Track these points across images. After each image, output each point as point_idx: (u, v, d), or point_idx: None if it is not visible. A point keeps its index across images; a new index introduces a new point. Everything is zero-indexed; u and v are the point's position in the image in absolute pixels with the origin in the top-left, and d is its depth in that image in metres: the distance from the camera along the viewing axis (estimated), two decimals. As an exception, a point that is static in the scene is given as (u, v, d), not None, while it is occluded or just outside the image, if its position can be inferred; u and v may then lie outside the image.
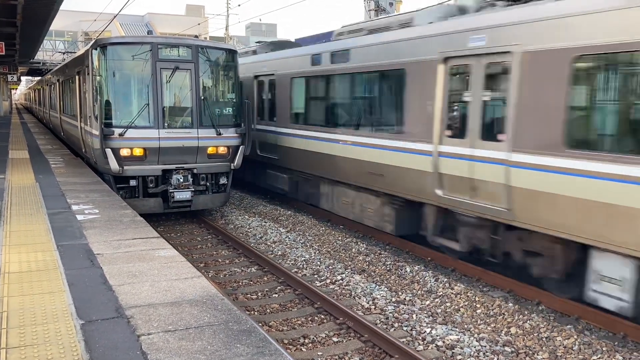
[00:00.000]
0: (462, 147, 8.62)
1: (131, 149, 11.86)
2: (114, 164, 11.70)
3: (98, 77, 12.00)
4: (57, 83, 22.19)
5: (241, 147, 12.99)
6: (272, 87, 14.96)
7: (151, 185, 12.20)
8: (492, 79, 8.17)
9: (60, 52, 41.62)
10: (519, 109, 7.60)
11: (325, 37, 22.50)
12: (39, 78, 36.27)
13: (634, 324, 7.04)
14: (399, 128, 10.14)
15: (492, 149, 8.08)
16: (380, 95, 10.83)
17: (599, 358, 6.41)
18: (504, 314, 7.69)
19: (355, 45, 11.31)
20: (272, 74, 14.76)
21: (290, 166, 14.14)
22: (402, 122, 10.01)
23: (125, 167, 11.86)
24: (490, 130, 8.19)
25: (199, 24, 47.38)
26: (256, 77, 15.74)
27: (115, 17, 22.73)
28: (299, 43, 18.58)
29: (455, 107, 8.84)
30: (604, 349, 6.57)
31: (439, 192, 9.19)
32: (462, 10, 9.68)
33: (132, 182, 12.11)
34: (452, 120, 8.89)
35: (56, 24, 26.45)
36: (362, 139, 11.15)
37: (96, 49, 12.03)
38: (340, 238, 11.61)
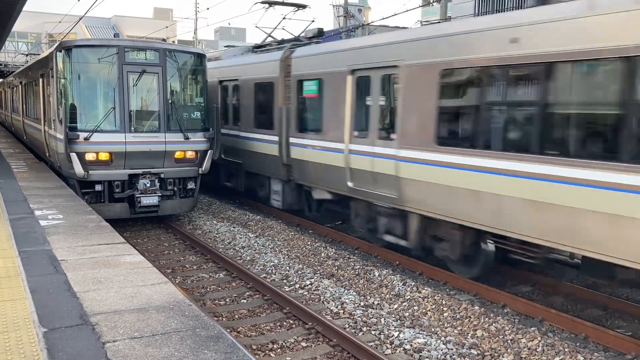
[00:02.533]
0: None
1: (97, 153, 11.66)
2: (78, 169, 11.49)
3: (62, 80, 11.78)
4: (20, 85, 21.68)
5: (209, 151, 12.90)
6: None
7: (117, 190, 12.01)
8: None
9: (23, 53, 40.72)
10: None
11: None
12: (1, 80, 35.40)
13: (595, 325, 7.24)
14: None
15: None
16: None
17: (562, 359, 6.56)
18: (470, 317, 7.80)
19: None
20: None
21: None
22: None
23: (90, 172, 11.66)
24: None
25: (167, 27, 46.92)
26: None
27: (81, 19, 22.35)
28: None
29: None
30: (566, 350, 6.72)
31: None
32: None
33: (98, 187, 11.91)
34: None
35: (19, 25, 25.90)
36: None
37: (61, 51, 11.81)
38: (309, 243, 11.62)
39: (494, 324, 7.50)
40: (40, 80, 14.96)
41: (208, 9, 34.71)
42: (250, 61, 14.65)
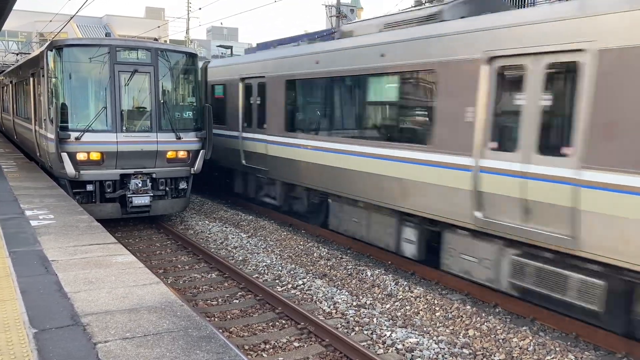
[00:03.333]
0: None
1: (88, 153, 11.60)
2: (70, 169, 11.42)
3: (53, 79, 11.71)
4: (10, 85, 21.54)
5: (201, 151, 12.86)
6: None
7: (109, 190, 11.96)
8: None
9: (13, 52, 40.42)
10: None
11: (287, 42, 22.47)
12: (-9, 79, 35.09)
13: (585, 324, 7.28)
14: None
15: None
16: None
17: (553, 358, 6.60)
18: (462, 316, 7.82)
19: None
20: None
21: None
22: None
23: (81, 172, 11.60)
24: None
25: (158, 27, 46.73)
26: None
27: (72, 18, 22.23)
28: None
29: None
30: (557, 349, 6.76)
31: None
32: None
33: (89, 187, 11.85)
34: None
35: (9, 24, 25.71)
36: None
37: (51, 50, 11.74)
38: (301, 243, 11.61)
39: (485, 324, 7.53)
40: (31, 79, 14.86)
41: (200, 8, 34.61)
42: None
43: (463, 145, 8.21)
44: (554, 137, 7.22)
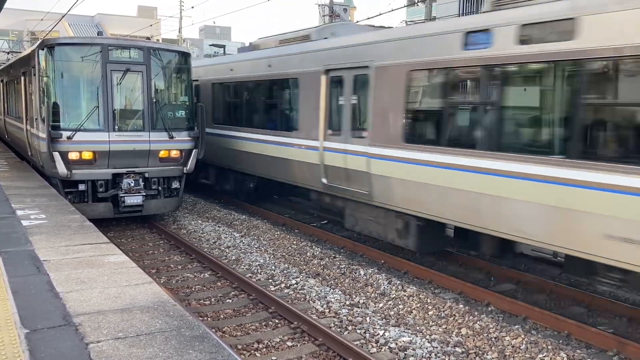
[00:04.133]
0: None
1: (80, 152, 11.54)
2: (61, 168, 11.36)
3: (45, 78, 11.64)
4: (1, 83, 21.39)
5: (194, 150, 12.83)
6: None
7: (101, 190, 11.90)
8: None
9: (4, 51, 40.14)
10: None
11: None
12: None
13: (577, 322, 7.32)
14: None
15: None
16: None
17: (545, 356, 6.63)
18: (454, 315, 7.85)
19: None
20: None
21: None
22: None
23: (73, 171, 11.54)
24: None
25: (151, 26, 46.55)
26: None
27: (63, 16, 22.12)
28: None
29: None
30: (549, 347, 6.79)
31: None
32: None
33: (81, 187, 11.79)
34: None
35: (0, 23, 25.53)
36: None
37: (43, 49, 11.67)
38: (295, 242, 11.61)
39: (478, 322, 7.55)
40: (22, 78, 14.77)
41: (193, 7, 34.56)
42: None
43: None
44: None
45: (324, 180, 11.14)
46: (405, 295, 8.58)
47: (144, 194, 12.16)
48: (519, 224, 7.47)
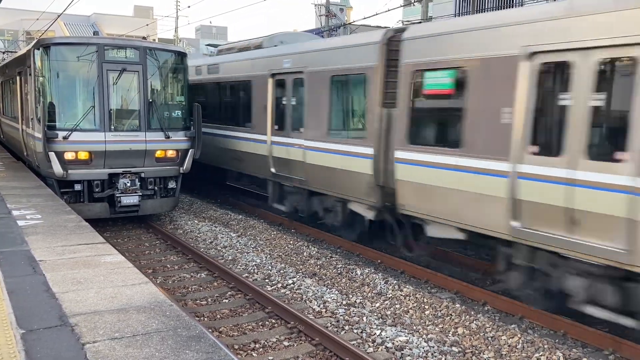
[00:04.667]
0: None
1: (76, 152, 11.52)
2: (57, 168, 11.34)
3: (41, 78, 11.61)
4: None
5: (190, 150, 12.81)
6: None
7: (97, 190, 11.88)
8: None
9: (0, 51, 40.02)
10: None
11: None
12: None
13: (573, 322, 7.34)
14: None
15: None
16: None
17: (541, 355, 6.64)
18: (451, 314, 7.86)
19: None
20: None
21: None
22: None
23: (69, 171, 11.51)
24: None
25: (147, 25, 46.47)
26: None
27: (59, 16, 22.07)
28: None
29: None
30: (545, 346, 6.81)
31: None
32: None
33: (77, 187, 11.76)
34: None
35: (-4, 23, 25.41)
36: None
37: (39, 49, 11.64)
38: (291, 242, 11.61)
39: (474, 322, 7.57)
40: (18, 78, 14.73)
41: (189, 7, 34.49)
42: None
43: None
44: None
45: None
46: (401, 295, 8.59)
47: (140, 194, 12.14)
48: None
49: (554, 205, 6.83)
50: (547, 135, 7.05)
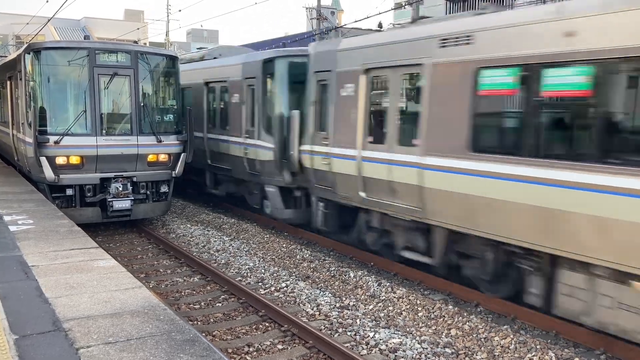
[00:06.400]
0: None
1: (67, 157, 11.48)
2: (49, 173, 11.29)
3: (31, 83, 11.57)
4: None
5: (183, 154, 12.80)
6: None
7: (89, 194, 11.84)
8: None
9: (-11, 56, 39.76)
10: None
11: (268, 44, 22.49)
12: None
13: (564, 321, 7.39)
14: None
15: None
16: None
17: (534, 356, 6.69)
18: (444, 316, 7.89)
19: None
20: None
21: None
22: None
23: (61, 176, 11.47)
24: None
25: (138, 29, 46.37)
26: None
27: (49, 20, 22.00)
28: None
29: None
30: (538, 347, 6.85)
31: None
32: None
33: (69, 191, 11.72)
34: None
35: (-15, 27, 25.27)
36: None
37: (29, 54, 11.60)
38: (284, 245, 11.62)
39: (467, 323, 7.60)
40: (8, 82, 14.66)
41: (180, 10, 34.47)
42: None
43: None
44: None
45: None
46: (395, 297, 8.62)
47: (132, 198, 12.11)
48: None
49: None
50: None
